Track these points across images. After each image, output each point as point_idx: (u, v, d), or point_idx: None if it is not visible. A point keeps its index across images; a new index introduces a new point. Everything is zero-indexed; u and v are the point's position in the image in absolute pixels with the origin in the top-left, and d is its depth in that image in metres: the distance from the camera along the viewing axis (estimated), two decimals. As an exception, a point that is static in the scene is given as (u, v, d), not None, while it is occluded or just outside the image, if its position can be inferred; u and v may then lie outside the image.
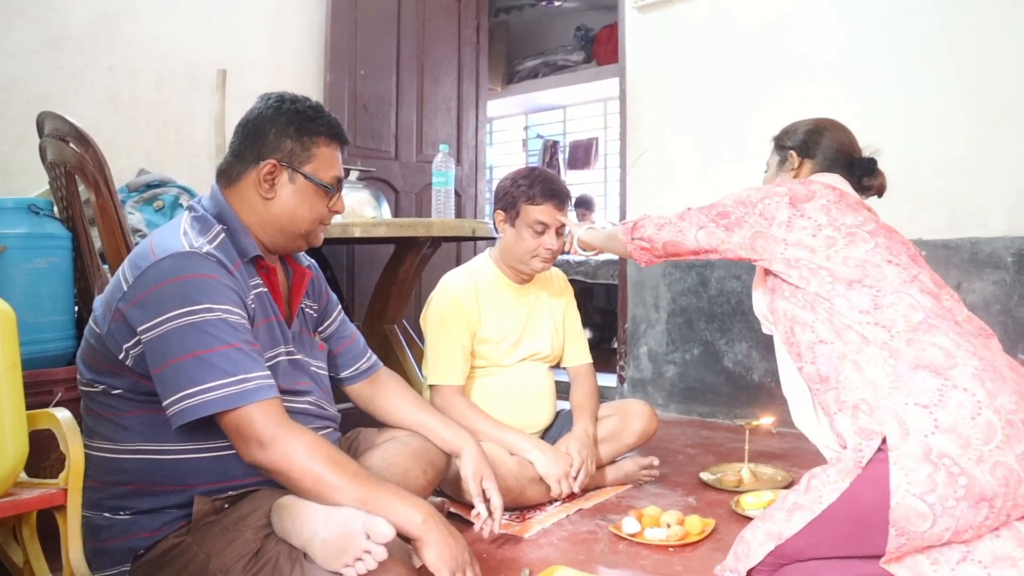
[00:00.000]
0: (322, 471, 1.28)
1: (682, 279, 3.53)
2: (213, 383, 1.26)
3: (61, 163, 2.08)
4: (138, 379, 1.35)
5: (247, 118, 1.50)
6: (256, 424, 1.27)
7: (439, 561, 1.31)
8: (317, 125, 1.48)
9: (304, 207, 1.49)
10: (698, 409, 3.50)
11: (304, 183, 1.48)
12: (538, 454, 2.13)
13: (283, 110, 1.47)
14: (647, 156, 3.66)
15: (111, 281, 1.40)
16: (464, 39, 4.32)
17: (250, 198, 1.47)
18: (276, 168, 1.46)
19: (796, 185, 1.66)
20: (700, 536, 1.90)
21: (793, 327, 1.58)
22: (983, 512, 1.28)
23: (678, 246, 1.76)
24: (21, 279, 1.90)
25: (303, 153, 1.47)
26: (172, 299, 1.29)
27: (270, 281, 1.51)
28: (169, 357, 1.27)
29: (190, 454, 1.37)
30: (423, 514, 1.32)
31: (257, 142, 1.47)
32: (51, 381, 1.86)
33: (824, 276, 1.53)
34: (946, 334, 1.42)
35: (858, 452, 1.38)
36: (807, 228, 1.58)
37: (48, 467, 1.61)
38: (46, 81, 2.79)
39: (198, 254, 1.34)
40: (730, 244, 1.67)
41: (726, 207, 1.69)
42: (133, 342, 1.32)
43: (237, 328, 1.32)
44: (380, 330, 2.95)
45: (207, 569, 1.28)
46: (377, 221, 2.55)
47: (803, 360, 1.56)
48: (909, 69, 2.96)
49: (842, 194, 1.66)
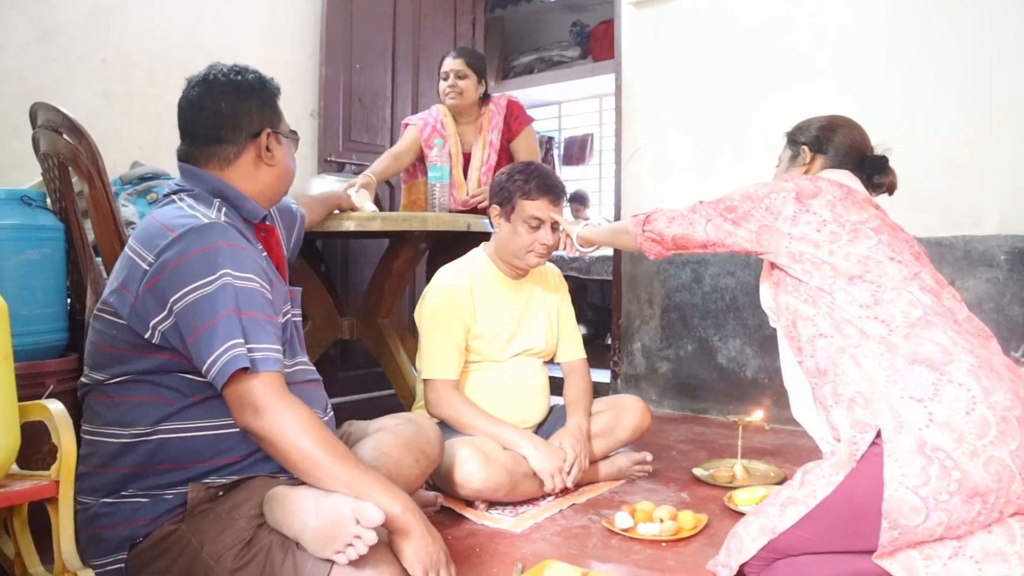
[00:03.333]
0: (310, 447, 1.30)
1: (676, 275, 3.54)
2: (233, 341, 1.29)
3: (54, 154, 2.07)
4: (167, 357, 1.37)
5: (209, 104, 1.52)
6: (255, 391, 1.30)
7: (413, 557, 1.32)
8: (270, 86, 1.60)
9: (290, 158, 1.63)
10: (691, 405, 3.50)
11: (286, 141, 1.62)
12: (531, 449, 2.13)
13: (243, 84, 1.55)
14: (642, 152, 3.66)
15: (121, 267, 1.43)
16: (460, 34, 4.31)
17: (252, 171, 1.55)
18: (271, 136, 1.56)
19: (803, 181, 1.68)
20: (693, 531, 1.90)
21: (795, 320, 1.59)
22: (976, 507, 1.28)
23: (687, 239, 1.78)
24: (13, 271, 1.89)
25: (274, 115, 1.59)
26: (200, 268, 1.33)
27: (268, 244, 1.59)
28: (199, 323, 1.30)
29: (198, 432, 1.39)
30: (403, 506, 1.33)
31: (241, 121, 1.53)
32: (43, 373, 1.85)
33: (826, 270, 1.54)
34: (944, 331, 1.43)
35: (852, 445, 1.39)
36: (812, 223, 1.60)
37: (40, 459, 1.60)
38: (39, 74, 2.77)
39: (219, 224, 1.40)
40: (737, 237, 1.69)
41: (734, 201, 1.71)
42: (162, 316, 1.34)
43: (257, 297, 1.36)
44: (374, 324, 2.94)
45: (200, 557, 1.29)
46: (371, 215, 2.54)
47: (803, 354, 1.57)
48: (905, 68, 2.97)
49: (849, 191, 1.67)
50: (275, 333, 1.38)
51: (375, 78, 3.88)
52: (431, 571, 1.33)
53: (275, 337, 1.37)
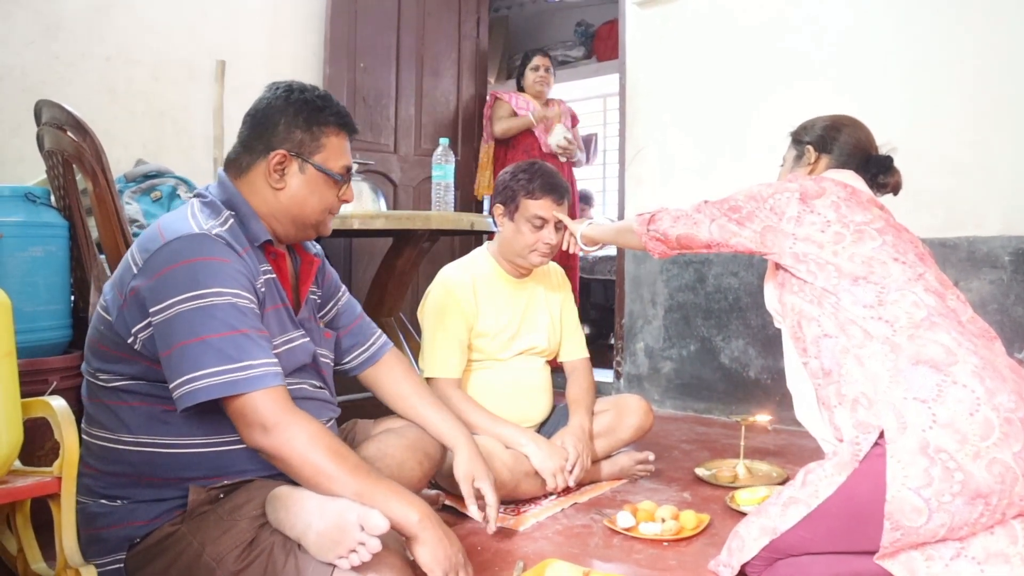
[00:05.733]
0: (322, 461, 1.28)
1: (679, 275, 3.54)
2: (217, 368, 1.26)
3: (58, 152, 2.08)
4: (148, 364, 1.35)
5: (255, 108, 1.50)
6: (260, 409, 1.27)
7: (433, 561, 1.31)
8: (327, 115, 1.48)
9: (314, 197, 1.49)
10: (694, 405, 3.50)
11: (314, 173, 1.48)
12: (534, 448, 2.13)
13: (292, 100, 1.47)
14: (646, 152, 3.66)
15: (120, 266, 1.41)
16: (464, 33, 4.31)
17: (260, 188, 1.48)
18: (286, 159, 1.46)
19: (807, 182, 1.67)
20: (695, 531, 1.90)
21: (800, 321, 1.59)
22: (978, 509, 1.28)
23: (691, 239, 1.77)
24: (17, 267, 1.90)
25: (312, 143, 1.47)
26: (182, 281, 1.29)
27: (279, 267, 1.51)
28: (176, 340, 1.27)
29: (189, 448, 1.38)
30: (420, 513, 1.32)
31: (267, 132, 1.47)
32: (46, 370, 1.85)
33: (831, 271, 1.54)
34: (948, 332, 1.42)
35: (855, 445, 1.39)
36: (816, 224, 1.59)
37: (43, 456, 1.61)
38: (42, 70, 2.78)
39: (208, 236, 1.35)
40: (741, 238, 1.68)
41: (738, 201, 1.70)
42: (143, 325, 1.32)
43: (245, 313, 1.32)
44: (377, 323, 2.93)
45: (201, 558, 1.28)
46: (375, 213, 2.54)
47: (808, 355, 1.56)
48: (907, 68, 2.96)
49: (854, 191, 1.66)
50: (269, 347, 1.35)
51: (379, 77, 3.88)
52: (451, 573, 1.32)
53: (270, 351, 1.34)
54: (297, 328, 1.52)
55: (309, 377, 1.55)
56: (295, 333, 1.51)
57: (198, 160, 3.19)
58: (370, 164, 3.42)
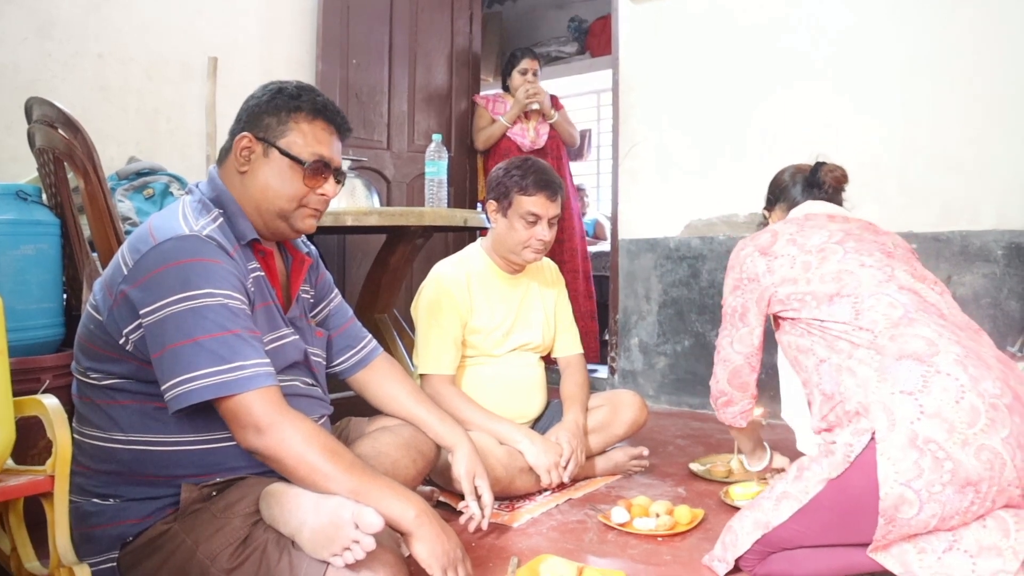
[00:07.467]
0: (317, 460, 1.28)
1: (673, 271, 3.54)
2: (209, 369, 1.26)
3: (50, 149, 2.07)
4: (139, 364, 1.34)
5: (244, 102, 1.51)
6: (253, 410, 1.27)
7: (431, 557, 1.31)
8: (299, 101, 1.47)
9: (276, 181, 1.45)
10: (688, 400, 3.51)
11: (278, 157, 1.45)
12: (528, 444, 2.13)
13: (271, 90, 1.49)
14: (639, 148, 3.66)
15: (110, 265, 1.40)
16: (457, 29, 4.30)
17: (231, 174, 1.48)
18: (252, 142, 1.45)
19: (759, 236, 1.78)
20: (689, 526, 1.91)
21: (798, 356, 1.64)
22: (969, 497, 1.29)
23: (738, 373, 1.83)
24: (8, 265, 1.89)
25: (279, 127, 1.45)
26: (173, 283, 1.28)
27: (267, 265, 1.51)
28: (168, 342, 1.27)
29: (181, 446, 1.37)
30: (416, 509, 1.32)
31: (241, 118, 1.49)
32: (39, 368, 1.85)
33: (809, 300, 1.60)
34: (927, 325, 1.45)
35: (848, 447, 1.39)
36: (784, 264, 1.68)
37: (35, 454, 1.60)
38: (35, 68, 2.77)
39: (199, 237, 1.34)
40: (754, 326, 1.77)
41: (730, 305, 1.81)
42: (133, 326, 1.32)
43: (237, 314, 1.32)
44: (371, 319, 2.94)
45: (195, 556, 1.28)
46: (369, 210, 2.54)
47: (811, 385, 1.60)
48: (903, 66, 2.98)
49: (806, 218, 1.76)
50: (262, 347, 1.34)
51: (372, 73, 3.87)
52: (449, 569, 1.32)
53: (262, 351, 1.33)
54: (287, 326, 1.52)
55: (301, 374, 1.55)
56: (285, 330, 1.51)
57: (192, 157, 3.18)
58: (363, 160, 3.41)
